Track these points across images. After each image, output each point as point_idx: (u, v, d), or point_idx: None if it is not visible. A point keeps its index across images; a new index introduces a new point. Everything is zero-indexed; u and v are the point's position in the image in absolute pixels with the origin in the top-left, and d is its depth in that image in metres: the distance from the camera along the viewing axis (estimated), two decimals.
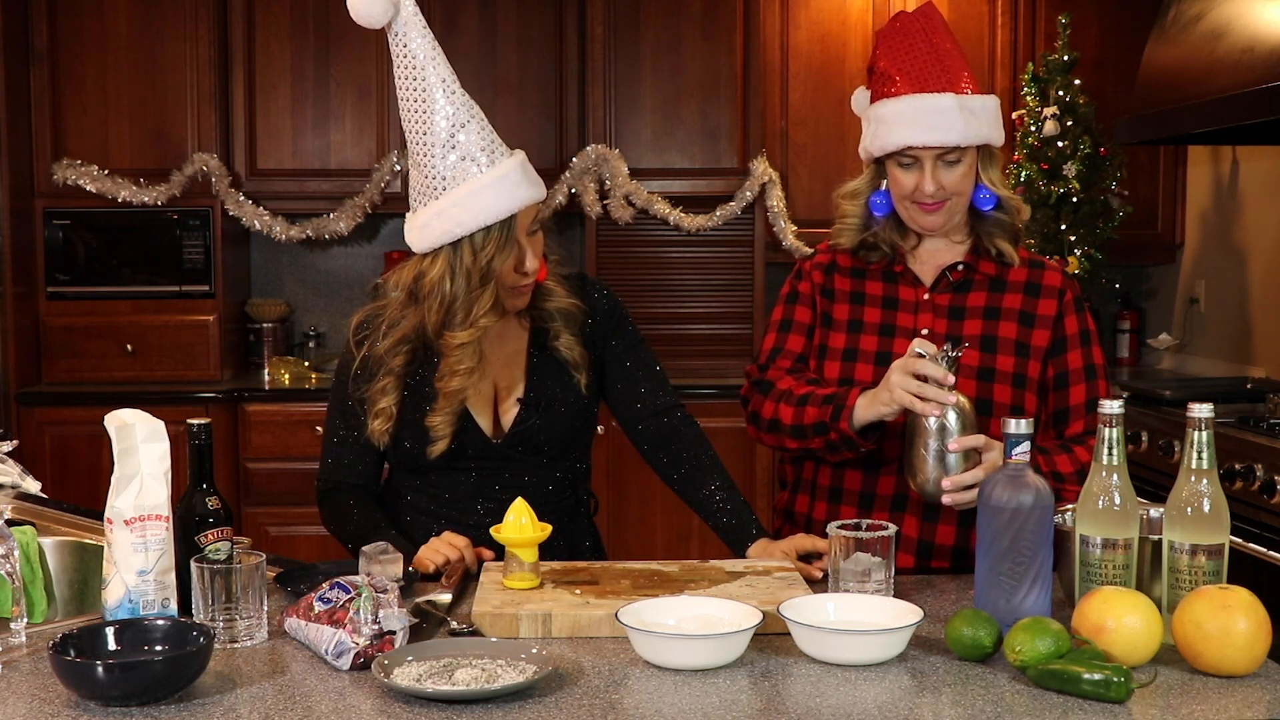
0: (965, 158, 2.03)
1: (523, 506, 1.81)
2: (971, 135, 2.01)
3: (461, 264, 1.95)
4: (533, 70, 4.55)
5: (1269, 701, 1.43)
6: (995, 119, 2.06)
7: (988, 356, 2.05)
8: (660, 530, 4.37)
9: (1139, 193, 4.63)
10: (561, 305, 2.11)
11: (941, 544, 2.06)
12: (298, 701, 1.43)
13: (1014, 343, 2.07)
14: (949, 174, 2.02)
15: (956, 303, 2.09)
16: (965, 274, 2.11)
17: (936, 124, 1.99)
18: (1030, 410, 2.06)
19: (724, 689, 1.46)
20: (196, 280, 4.42)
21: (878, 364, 2.07)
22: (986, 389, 2.03)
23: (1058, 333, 2.08)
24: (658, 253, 4.55)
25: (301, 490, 4.32)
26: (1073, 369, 2.07)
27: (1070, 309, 2.10)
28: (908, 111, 2.00)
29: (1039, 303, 2.09)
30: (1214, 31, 3.62)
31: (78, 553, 2.15)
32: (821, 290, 2.18)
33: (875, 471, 2.08)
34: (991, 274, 2.11)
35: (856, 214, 2.14)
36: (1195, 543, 1.57)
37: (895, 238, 2.12)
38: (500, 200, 1.93)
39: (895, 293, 2.13)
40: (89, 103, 4.39)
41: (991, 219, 2.09)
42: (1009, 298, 2.10)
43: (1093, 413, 2.04)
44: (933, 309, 2.10)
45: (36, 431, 4.24)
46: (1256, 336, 4.30)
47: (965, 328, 2.07)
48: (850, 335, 2.12)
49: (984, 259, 2.11)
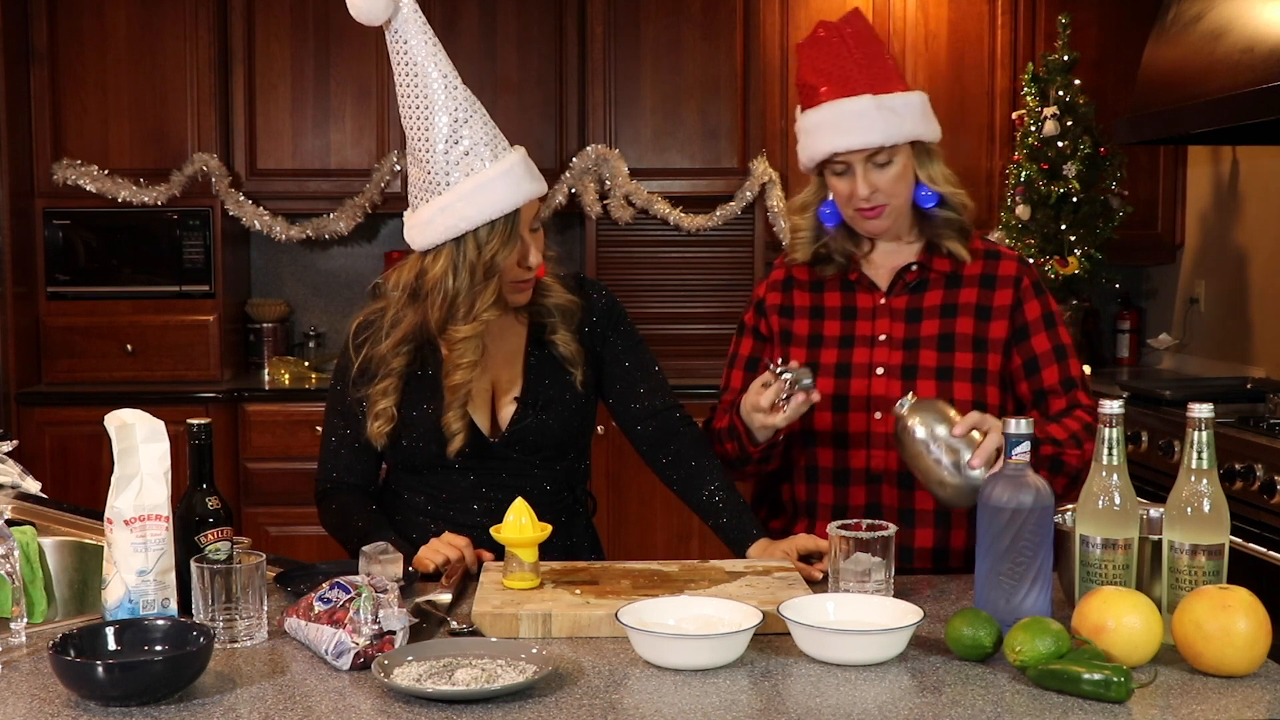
0: (896, 158, 2.03)
1: (523, 506, 1.81)
2: (894, 134, 2.00)
3: (465, 259, 1.95)
4: (533, 70, 4.55)
5: (1269, 701, 1.43)
6: (922, 115, 2.04)
7: (945, 356, 2.07)
8: (660, 530, 4.37)
9: (1139, 193, 4.62)
10: (559, 302, 2.11)
11: (921, 546, 2.09)
12: (298, 701, 1.43)
13: (971, 338, 2.08)
14: (881, 176, 2.02)
15: (913, 304, 2.11)
16: (920, 274, 2.11)
17: (856, 126, 1.99)
18: (992, 403, 2.06)
19: (724, 689, 1.46)
20: (196, 280, 4.42)
21: (838, 376, 2.10)
22: (946, 389, 2.05)
23: (1017, 320, 2.09)
24: (658, 253, 4.55)
25: (301, 490, 4.32)
26: (1040, 353, 2.08)
27: (1029, 294, 2.10)
28: (829, 118, 2.01)
29: (995, 294, 2.09)
30: (1214, 31, 3.62)
31: (78, 553, 2.15)
32: (780, 310, 2.19)
33: (844, 447, 2.10)
34: (946, 270, 2.11)
35: (807, 226, 2.15)
36: (1195, 543, 1.57)
37: (848, 246, 2.13)
38: (505, 194, 1.93)
39: (853, 301, 2.15)
40: (89, 103, 4.39)
41: (939, 218, 2.09)
42: (965, 293, 2.10)
43: (1071, 390, 2.07)
44: (889, 313, 2.11)
45: (36, 431, 4.24)
46: (1256, 336, 4.30)
47: (923, 329, 2.09)
48: (811, 351, 2.14)
49: (938, 256, 2.12)
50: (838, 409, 2.10)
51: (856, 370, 2.10)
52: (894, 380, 2.06)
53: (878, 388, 2.07)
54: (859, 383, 2.09)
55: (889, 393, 2.05)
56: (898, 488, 2.07)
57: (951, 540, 2.09)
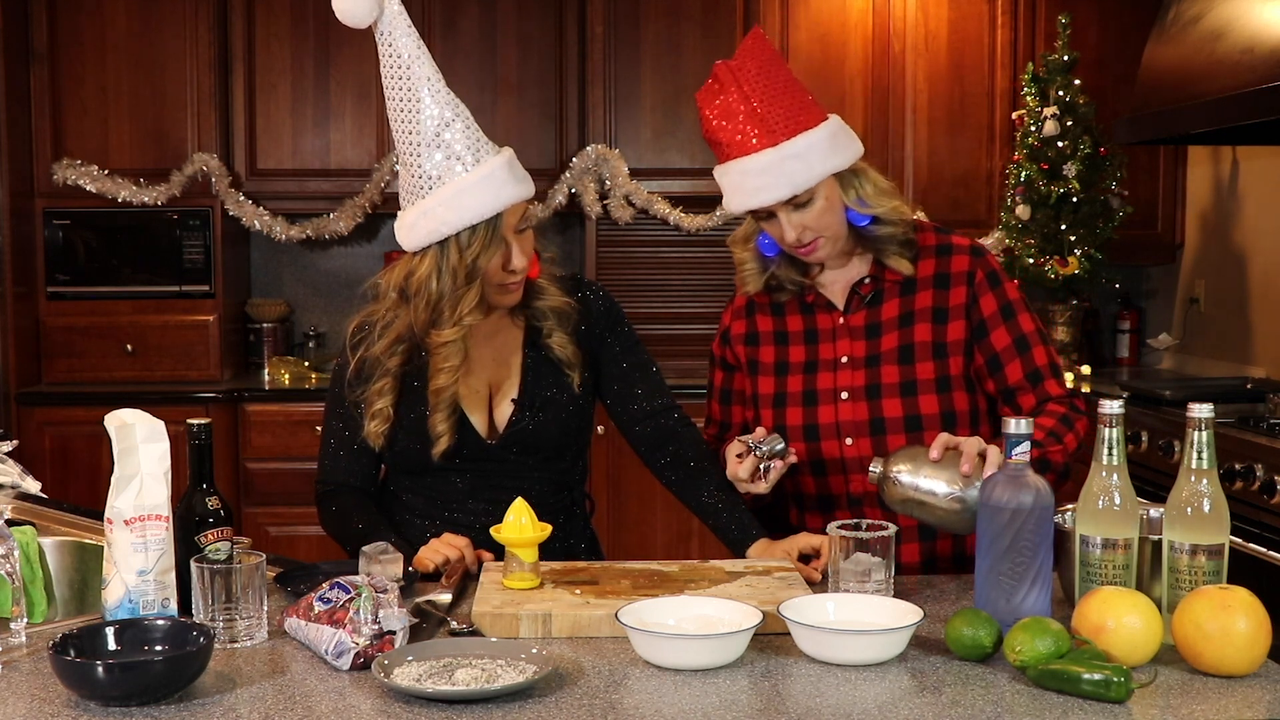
0: (816, 196, 1.97)
1: (522, 506, 1.81)
2: (801, 181, 1.94)
3: (448, 263, 1.96)
4: (533, 70, 4.54)
5: (1269, 701, 1.43)
6: (830, 149, 1.96)
7: (907, 369, 2.04)
8: (660, 531, 4.37)
9: (1139, 193, 4.62)
10: (555, 304, 2.11)
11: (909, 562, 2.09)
12: (298, 701, 1.43)
13: (931, 345, 2.05)
14: (805, 215, 1.97)
15: (871, 319, 2.08)
16: (874, 285, 2.08)
17: (761, 184, 1.94)
18: (960, 409, 2.05)
19: (724, 689, 1.46)
20: (196, 280, 4.42)
21: (805, 404, 2.08)
22: (912, 404, 2.03)
23: (974, 318, 2.05)
24: (657, 253, 4.55)
25: (301, 490, 4.31)
26: (1001, 349, 2.04)
27: (983, 288, 2.05)
28: (734, 178, 1.97)
29: (949, 294, 2.05)
30: (1214, 31, 3.62)
31: (78, 553, 2.15)
32: (745, 339, 2.18)
33: (823, 474, 2.10)
34: (899, 279, 2.07)
35: (752, 259, 2.11)
36: (1195, 543, 1.57)
37: (794, 274, 2.10)
38: (485, 199, 1.93)
39: (814, 323, 2.12)
40: (89, 103, 4.39)
41: (878, 234, 2.04)
42: (920, 297, 2.07)
43: (1039, 383, 2.03)
44: (849, 332, 2.09)
45: (36, 431, 4.24)
46: (1256, 336, 4.30)
47: (883, 344, 2.06)
48: (778, 379, 2.12)
49: (888, 267, 2.07)
50: (809, 438, 2.08)
51: (822, 397, 2.08)
52: (860, 403, 2.05)
53: (844, 413, 2.06)
54: (826, 409, 2.07)
55: (855, 416, 2.05)
56: (882, 509, 2.03)
57: (938, 549, 2.10)
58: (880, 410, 2.04)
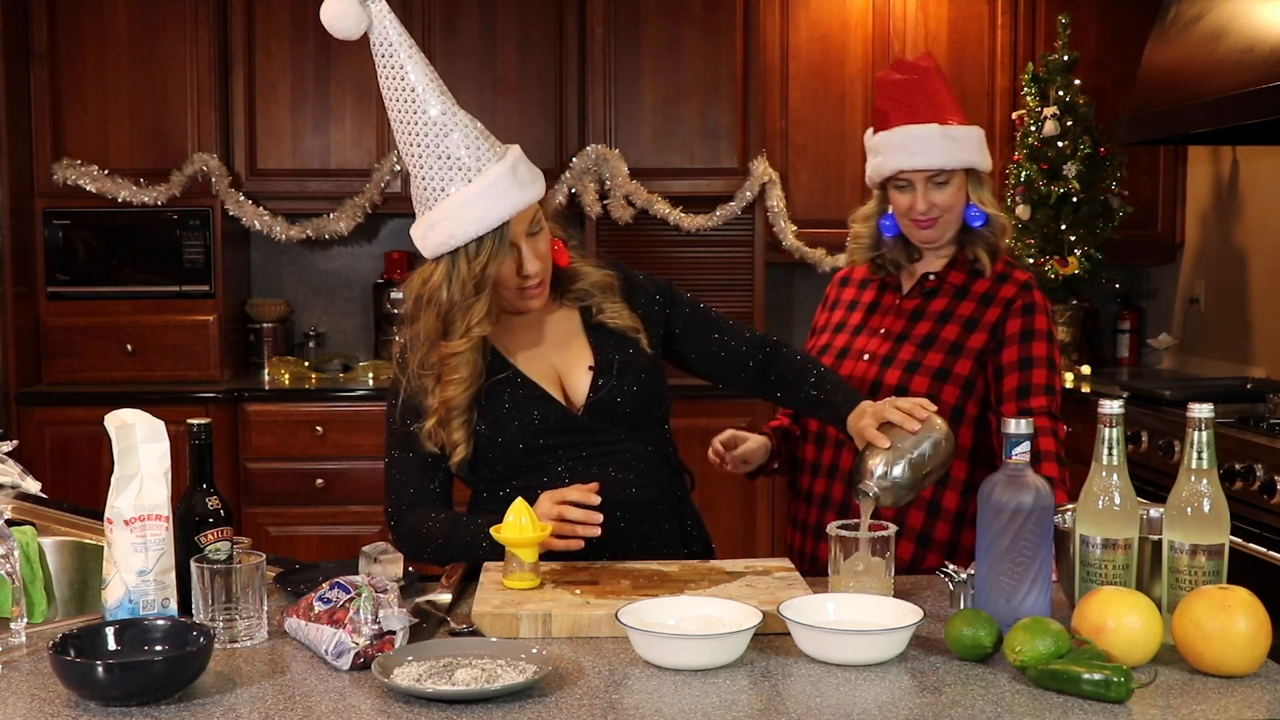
0: (953, 180, 2.25)
1: (522, 506, 1.81)
2: (954, 160, 2.23)
3: (458, 273, 1.92)
4: (533, 70, 4.54)
5: (1269, 701, 1.43)
6: (978, 147, 2.27)
7: (920, 353, 2.24)
8: None
9: (1139, 193, 4.63)
10: (595, 279, 2.10)
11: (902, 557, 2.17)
12: (298, 701, 1.43)
13: (950, 342, 2.24)
14: (939, 194, 2.25)
15: (920, 306, 2.30)
16: (936, 282, 2.31)
17: (921, 150, 2.23)
18: (946, 401, 2.19)
19: (724, 689, 1.46)
20: (196, 280, 4.42)
21: (837, 356, 2.33)
22: (908, 379, 2.22)
23: (997, 335, 2.23)
24: (658, 253, 4.55)
25: (301, 490, 4.33)
26: (1006, 362, 2.21)
27: (1015, 314, 2.24)
28: (898, 141, 2.25)
29: (987, 311, 2.25)
30: (1214, 31, 3.62)
31: (78, 553, 2.15)
32: (828, 304, 2.46)
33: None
34: (958, 283, 2.29)
35: (867, 234, 2.37)
36: (1195, 543, 1.57)
37: (900, 256, 2.34)
38: (489, 210, 1.90)
39: (881, 299, 2.37)
40: (89, 103, 4.39)
41: (978, 234, 2.29)
42: (965, 305, 2.27)
43: (1025, 398, 2.18)
44: (896, 311, 2.32)
45: (36, 431, 4.24)
46: (1256, 336, 4.30)
47: (916, 328, 2.28)
48: (832, 334, 2.39)
49: (955, 269, 2.30)
50: None
51: (852, 354, 2.32)
52: (873, 366, 2.27)
53: (859, 370, 2.29)
54: (848, 364, 2.31)
55: (865, 375, 2.26)
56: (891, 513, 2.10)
57: (928, 559, 2.18)
58: (883, 376, 2.24)
